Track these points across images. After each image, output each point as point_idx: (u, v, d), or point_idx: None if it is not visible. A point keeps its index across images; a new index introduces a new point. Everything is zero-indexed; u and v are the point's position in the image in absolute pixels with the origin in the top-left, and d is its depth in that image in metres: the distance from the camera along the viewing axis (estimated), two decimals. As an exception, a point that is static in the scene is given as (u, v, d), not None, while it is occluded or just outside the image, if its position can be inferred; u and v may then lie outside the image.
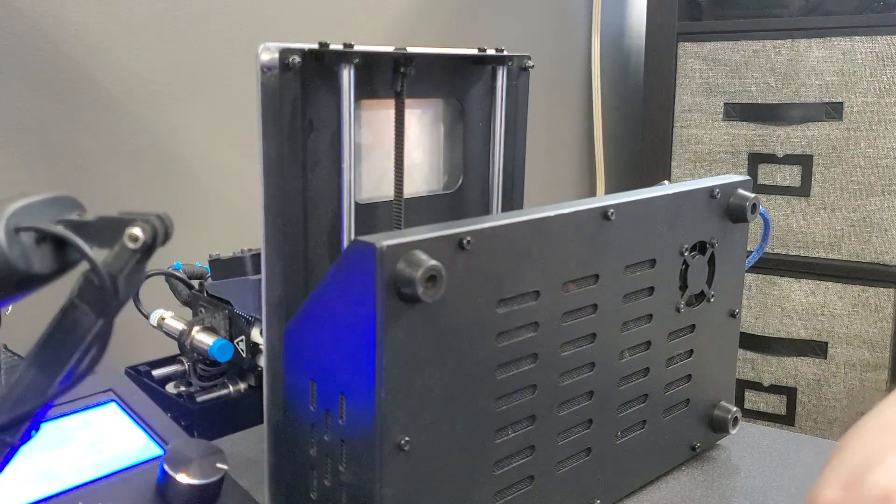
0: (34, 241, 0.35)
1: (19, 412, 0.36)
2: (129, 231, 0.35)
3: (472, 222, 0.46)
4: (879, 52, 1.36)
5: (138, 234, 0.35)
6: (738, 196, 0.62)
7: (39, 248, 0.35)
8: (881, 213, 1.39)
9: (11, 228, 0.34)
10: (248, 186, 0.98)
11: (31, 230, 0.35)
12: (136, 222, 0.35)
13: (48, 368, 0.36)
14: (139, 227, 0.35)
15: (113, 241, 0.35)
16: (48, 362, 0.36)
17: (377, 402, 0.42)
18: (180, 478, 0.48)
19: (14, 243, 0.34)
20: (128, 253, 0.35)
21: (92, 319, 0.35)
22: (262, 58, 0.49)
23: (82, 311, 0.35)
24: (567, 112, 1.67)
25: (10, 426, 0.36)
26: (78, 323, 0.35)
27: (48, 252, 0.35)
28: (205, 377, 0.72)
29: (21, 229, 0.34)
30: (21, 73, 0.83)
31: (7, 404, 0.36)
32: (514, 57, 0.62)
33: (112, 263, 0.35)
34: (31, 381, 0.36)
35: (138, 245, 0.35)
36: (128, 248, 0.35)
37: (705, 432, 0.65)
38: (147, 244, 0.35)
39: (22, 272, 0.34)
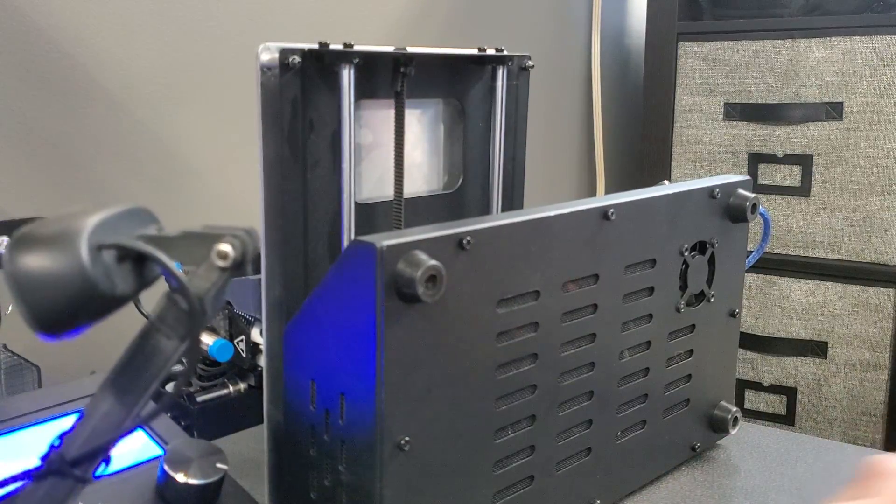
0: (115, 259, 0.32)
1: (93, 446, 0.32)
2: (218, 248, 0.32)
3: (472, 222, 0.46)
4: (879, 52, 1.36)
5: (228, 250, 0.32)
6: (738, 196, 0.62)
7: (121, 266, 0.32)
8: (881, 213, 1.39)
9: (94, 246, 0.31)
10: (248, 186, 0.98)
11: (113, 248, 0.32)
12: (224, 238, 0.32)
13: (126, 397, 0.33)
14: (229, 244, 0.32)
15: (198, 257, 0.32)
16: (125, 390, 0.33)
17: (377, 402, 0.42)
18: (180, 478, 0.47)
19: (97, 262, 0.31)
20: (216, 272, 0.32)
21: (175, 343, 0.32)
22: (262, 58, 0.49)
23: (164, 335, 0.33)
24: (567, 112, 1.67)
25: (83, 461, 0.32)
26: (159, 347, 0.33)
27: (129, 271, 0.32)
28: (205, 377, 0.72)
29: (104, 247, 0.31)
30: (21, 73, 0.83)
31: (81, 436, 0.33)
32: (514, 57, 0.62)
33: (199, 283, 0.32)
34: (106, 411, 0.33)
35: (228, 263, 0.32)
36: (216, 265, 0.32)
37: (705, 432, 0.65)
38: (237, 261, 0.32)
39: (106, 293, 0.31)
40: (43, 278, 0.30)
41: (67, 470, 0.32)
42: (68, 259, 0.30)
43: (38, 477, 0.33)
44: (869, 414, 1.43)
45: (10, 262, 0.31)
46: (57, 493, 0.33)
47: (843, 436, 1.45)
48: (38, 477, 0.33)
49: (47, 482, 0.33)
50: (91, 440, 0.33)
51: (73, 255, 0.30)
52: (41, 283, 0.30)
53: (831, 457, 0.66)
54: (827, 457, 0.66)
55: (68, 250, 0.30)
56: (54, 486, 0.33)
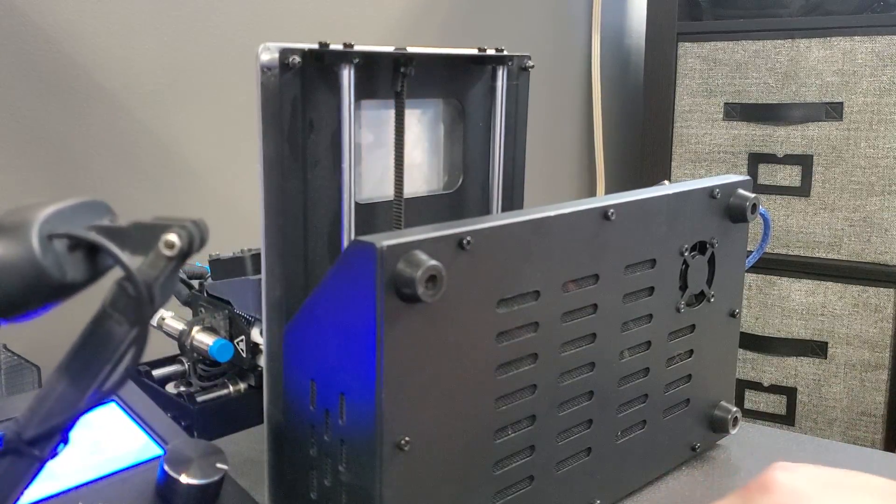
0: (67, 248, 0.33)
1: (49, 426, 0.34)
2: (165, 237, 0.34)
3: (472, 222, 0.46)
4: (879, 52, 1.36)
5: (174, 240, 0.34)
6: (738, 196, 0.62)
7: (72, 255, 0.33)
8: (881, 213, 1.39)
9: (45, 235, 0.32)
10: (248, 186, 0.98)
11: (64, 237, 0.33)
12: (171, 228, 0.34)
13: (79, 380, 0.34)
14: (175, 234, 0.34)
15: (147, 247, 0.34)
16: (79, 373, 0.34)
17: (377, 402, 0.42)
18: (180, 478, 0.47)
19: (47, 251, 0.32)
20: (163, 260, 0.34)
21: (126, 328, 0.34)
22: (262, 58, 0.49)
23: (115, 321, 0.34)
24: (567, 112, 1.67)
25: (40, 440, 0.34)
26: (111, 332, 0.34)
27: (81, 259, 0.34)
28: (205, 377, 0.72)
29: (54, 236, 0.33)
30: (21, 73, 0.83)
31: (36, 417, 0.35)
32: (514, 57, 0.62)
33: (147, 271, 0.34)
34: (61, 393, 0.34)
35: (174, 252, 0.34)
36: (163, 254, 0.34)
37: (705, 432, 0.65)
38: (183, 251, 0.34)
39: (55, 281, 0.32)
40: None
41: (25, 449, 0.34)
42: (19, 247, 0.32)
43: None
44: (869, 414, 1.43)
45: None
46: (16, 471, 0.35)
47: (843, 436, 1.45)
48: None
49: (6, 460, 0.34)
50: (47, 420, 0.34)
51: (24, 243, 0.32)
52: None
53: (831, 457, 0.66)
54: (827, 457, 0.66)
55: (20, 238, 0.32)
56: (13, 463, 0.35)
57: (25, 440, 0.34)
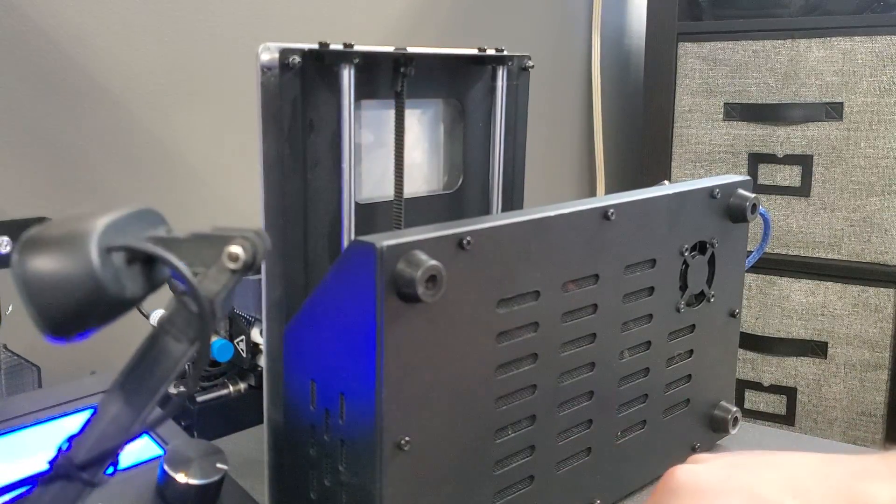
0: (125, 261, 0.32)
1: (101, 449, 0.32)
2: (229, 250, 0.32)
3: (472, 222, 0.46)
4: (879, 52, 1.36)
5: (239, 252, 0.32)
6: (738, 196, 0.62)
7: (130, 268, 0.32)
8: (881, 213, 1.39)
9: (103, 248, 0.31)
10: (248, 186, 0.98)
11: (123, 250, 0.31)
12: (235, 240, 0.32)
13: (135, 400, 0.33)
14: (239, 245, 0.32)
15: (208, 259, 0.32)
16: (135, 393, 0.33)
17: (377, 402, 0.42)
18: (180, 478, 0.47)
19: (107, 265, 0.30)
20: (226, 274, 0.32)
21: (184, 346, 0.32)
22: (262, 58, 0.49)
23: (173, 337, 0.32)
24: (567, 112, 1.67)
25: (92, 464, 0.32)
26: (168, 349, 0.32)
27: (138, 272, 0.32)
28: (205, 377, 0.72)
29: (113, 249, 0.31)
30: (21, 73, 0.83)
31: (89, 440, 0.33)
32: (514, 57, 0.62)
33: (210, 285, 0.32)
34: (115, 414, 0.33)
35: (238, 265, 0.32)
36: (227, 267, 0.32)
37: (705, 432, 0.65)
38: (247, 263, 0.32)
39: (114, 296, 0.31)
40: (52, 281, 0.30)
41: (76, 474, 0.32)
42: (78, 261, 0.30)
43: (46, 481, 0.32)
44: (869, 414, 1.43)
45: (20, 264, 0.30)
46: (65, 497, 0.32)
47: (843, 436, 1.45)
48: (46, 481, 0.32)
49: (55, 486, 0.32)
50: (99, 443, 0.32)
51: (83, 258, 0.30)
52: (50, 285, 0.30)
53: (831, 457, 0.66)
54: (827, 457, 0.66)
55: (78, 252, 0.30)
56: (63, 489, 0.32)
57: (77, 464, 0.32)
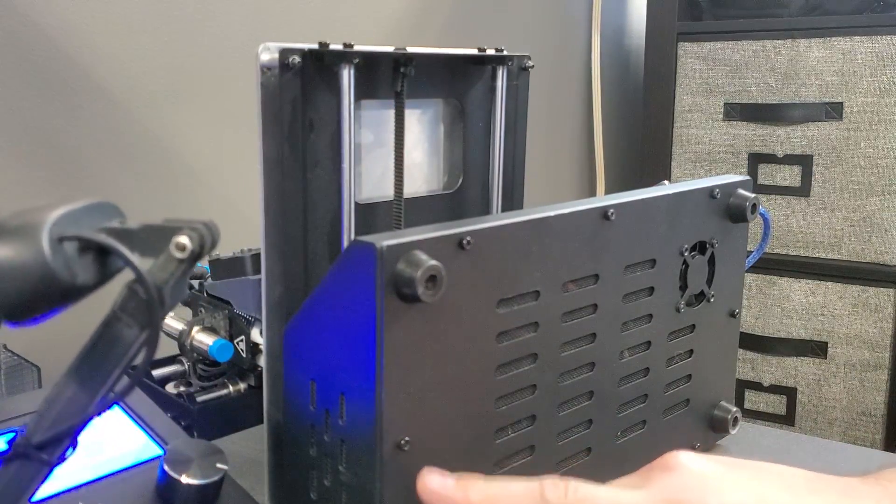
0: (77, 250, 0.33)
1: (58, 430, 0.34)
2: (176, 240, 0.34)
3: (472, 222, 0.46)
4: (879, 52, 1.36)
5: (185, 242, 0.33)
6: (738, 196, 0.62)
7: (82, 258, 0.33)
8: (881, 213, 1.39)
9: (55, 238, 0.32)
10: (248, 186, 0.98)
11: (74, 239, 0.33)
12: (182, 230, 0.34)
13: (89, 383, 0.34)
14: (186, 236, 0.34)
15: (158, 249, 0.34)
16: (89, 377, 0.34)
17: (377, 402, 0.42)
18: (180, 478, 0.47)
19: (57, 253, 0.32)
20: (174, 263, 0.34)
21: (136, 331, 0.34)
22: (262, 58, 0.49)
23: (125, 324, 0.34)
24: (567, 112, 1.67)
25: (49, 444, 0.34)
26: (120, 335, 0.34)
27: (91, 262, 0.33)
28: (205, 377, 0.72)
29: (64, 238, 0.32)
30: (21, 73, 0.83)
31: (46, 421, 0.34)
32: (514, 57, 0.62)
33: (158, 273, 0.33)
34: (70, 396, 0.34)
35: (185, 254, 0.33)
36: (174, 257, 0.34)
37: (705, 432, 0.65)
38: (194, 253, 0.34)
39: (65, 284, 0.32)
40: (6, 267, 0.31)
41: (34, 453, 0.34)
42: (30, 249, 0.32)
43: (6, 460, 0.34)
44: (869, 414, 1.43)
45: None
46: (25, 476, 0.34)
47: (843, 436, 1.45)
48: (6, 460, 0.34)
49: (14, 465, 0.34)
50: (55, 425, 0.34)
51: (35, 246, 0.32)
52: (4, 272, 0.31)
53: (831, 457, 0.66)
54: (827, 457, 0.66)
55: (30, 241, 0.32)
56: (22, 468, 0.34)
57: (34, 444, 0.34)
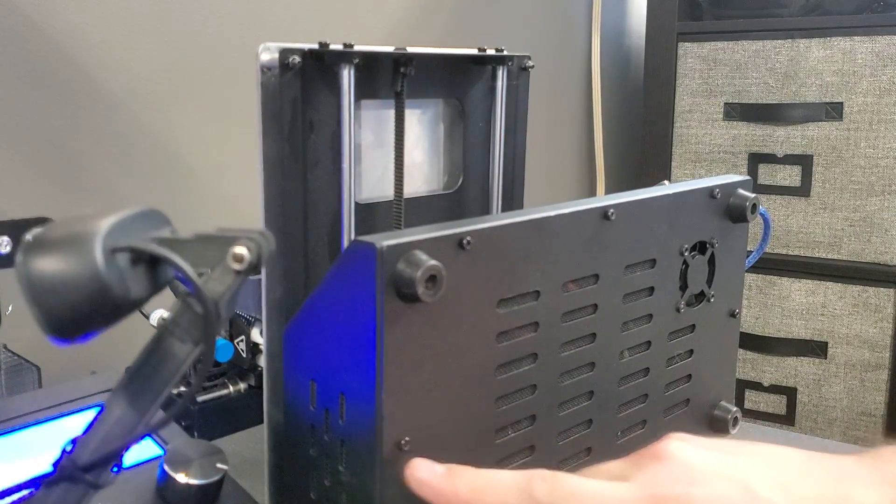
0: (129, 262, 0.31)
1: (105, 451, 0.32)
2: (234, 251, 0.32)
3: (472, 222, 0.46)
4: (879, 52, 1.36)
5: (244, 253, 0.32)
6: (738, 196, 0.62)
7: (134, 269, 0.32)
8: (881, 213, 1.39)
9: (108, 249, 0.30)
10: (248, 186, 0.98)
11: (127, 250, 0.31)
12: (240, 241, 0.32)
13: (138, 402, 0.32)
14: (244, 246, 0.32)
15: (212, 260, 0.32)
16: (139, 395, 0.33)
17: (377, 402, 0.42)
18: (180, 478, 0.47)
19: (111, 266, 0.30)
20: (231, 275, 0.32)
21: (189, 347, 0.32)
22: (262, 58, 0.49)
23: (178, 338, 0.32)
24: (567, 112, 1.67)
25: (95, 466, 0.32)
26: (172, 351, 0.32)
27: (143, 273, 0.32)
28: (205, 377, 0.72)
29: (118, 250, 0.31)
30: (21, 73, 0.83)
31: (92, 442, 0.32)
32: (514, 57, 0.62)
33: (215, 286, 0.32)
34: (119, 416, 0.33)
35: (243, 266, 0.32)
36: (232, 268, 0.32)
37: (705, 432, 0.65)
38: (252, 264, 0.32)
39: (119, 297, 0.31)
40: (57, 282, 0.30)
41: (79, 476, 0.32)
42: (83, 262, 0.30)
43: (49, 483, 0.32)
44: (869, 414, 1.43)
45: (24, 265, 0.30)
46: (69, 499, 0.32)
47: (843, 436, 1.45)
48: (49, 483, 0.32)
49: (59, 488, 0.32)
50: (103, 445, 0.32)
51: (88, 259, 0.30)
52: (55, 286, 0.30)
53: (831, 457, 0.66)
54: (827, 457, 0.66)
55: (83, 253, 0.30)
56: (66, 491, 0.32)
57: (80, 466, 0.32)
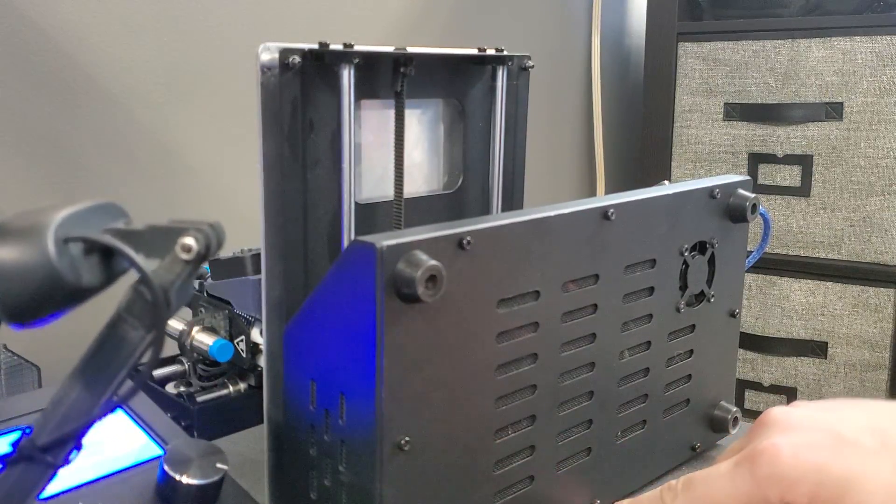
0: (82, 251, 0.33)
1: (63, 432, 0.34)
2: (182, 241, 0.33)
3: (472, 222, 0.46)
4: (879, 52, 1.36)
5: (191, 243, 0.33)
6: (738, 196, 0.62)
7: (87, 259, 0.33)
8: (881, 213, 1.39)
9: (60, 239, 0.32)
10: (248, 186, 0.98)
11: (79, 240, 0.33)
12: (188, 231, 0.34)
13: (94, 386, 0.34)
14: (192, 237, 0.33)
15: (163, 250, 0.34)
16: (94, 379, 0.34)
17: (377, 402, 0.42)
18: (180, 478, 0.47)
19: (63, 254, 0.32)
20: (180, 264, 0.33)
21: (141, 333, 0.34)
22: (262, 58, 0.49)
23: (130, 325, 0.34)
24: (567, 112, 1.67)
25: (54, 447, 0.34)
26: (125, 337, 0.34)
27: (96, 263, 0.33)
28: (205, 377, 0.72)
29: (70, 240, 0.32)
30: (21, 73, 0.83)
31: (50, 423, 0.34)
32: (514, 57, 0.62)
33: (163, 275, 0.33)
34: (75, 399, 0.34)
35: (191, 255, 0.33)
36: (180, 258, 0.33)
37: (705, 432, 0.65)
38: (200, 254, 0.34)
39: (71, 285, 0.32)
40: (10, 269, 0.31)
41: (39, 455, 0.34)
42: (35, 250, 0.31)
43: (10, 463, 0.34)
44: (869, 414, 1.43)
45: None
46: (29, 478, 0.34)
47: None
48: (10, 463, 0.34)
49: (19, 467, 0.34)
50: (61, 427, 0.34)
51: (40, 247, 0.31)
52: (9, 273, 0.31)
53: (831, 457, 0.66)
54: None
55: (35, 242, 0.32)
56: (26, 470, 0.34)
57: (39, 446, 0.34)
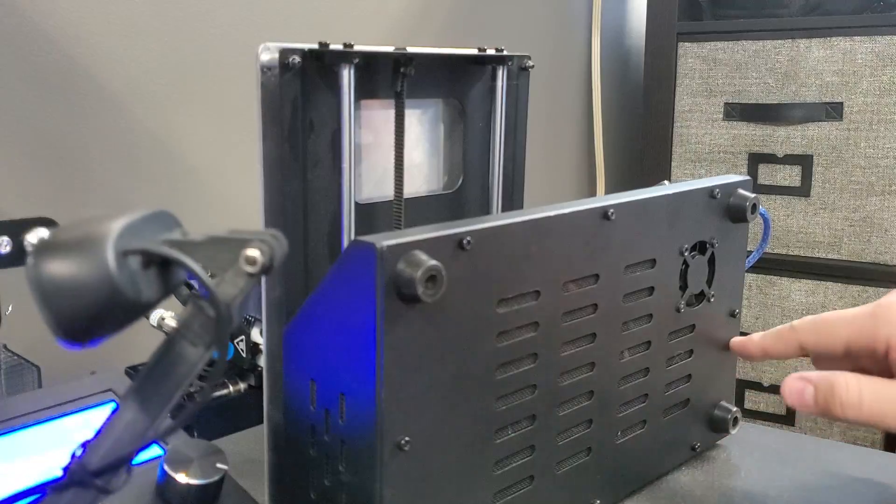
0: (140, 264, 0.31)
1: (115, 456, 0.32)
2: (246, 253, 0.32)
3: (472, 222, 0.46)
4: (879, 52, 1.36)
5: (256, 256, 0.32)
6: (738, 196, 0.62)
7: (146, 272, 0.31)
8: (881, 213, 1.39)
9: (120, 252, 0.30)
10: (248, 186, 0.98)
11: (139, 253, 0.31)
12: (252, 243, 0.32)
13: (149, 406, 0.32)
14: (257, 248, 0.32)
15: (225, 262, 0.32)
16: (149, 399, 0.32)
17: (377, 402, 0.42)
18: (180, 478, 0.47)
19: (123, 269, 0.30)
20: (244, 277, 0.32)
21: (200, 351, 0.32)
22: (262, 58, 0.49)
23: (189, 342, 0.32)
24: (567, 112, 1.67)
25: (105, 471, 0.32)
26: (183, 355, 0.32)
27: (154, 277, 0.31)
28: (204, 377, 0.72)
29: (129, 252, 0.30)
30: (21, 73, 0.83)
31: (103, 446, 0.32)
32: (514, 57, 0.62)
33: (227, 289, 0.31)
34: (130, 420, 0.32)
35: (256, 268, 0.32)
36: (244, 271, 0.32)
37: (705, 432, 0.65)
38: (265, 266, 0.32)
39: (130, 301, 0.30)
40: (69, 285, 0.29)
41: (90, 480, 0.32)
42: (94, 265, 0.29)
43: (59, 488, 0.32)
44: (869, 414, 1.43)
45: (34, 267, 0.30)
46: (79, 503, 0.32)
47: (843, 436, 1.45)
48: (59, 488, 0.32)
49: (69, 493, 0.32)
50: (114, 450, 0.32)
51: (100, 262, 0.29)
52: (66, 289, 0.29)
53: (831, 457, 0.66)
54: (827, 457, 0.66)
55: (94, 256, 0.29)
56: (76, 496, 0.32)
57: (90, 471, 0.32)
